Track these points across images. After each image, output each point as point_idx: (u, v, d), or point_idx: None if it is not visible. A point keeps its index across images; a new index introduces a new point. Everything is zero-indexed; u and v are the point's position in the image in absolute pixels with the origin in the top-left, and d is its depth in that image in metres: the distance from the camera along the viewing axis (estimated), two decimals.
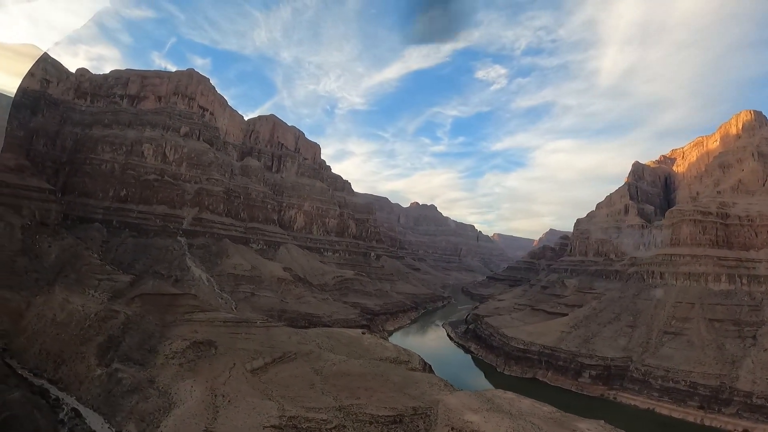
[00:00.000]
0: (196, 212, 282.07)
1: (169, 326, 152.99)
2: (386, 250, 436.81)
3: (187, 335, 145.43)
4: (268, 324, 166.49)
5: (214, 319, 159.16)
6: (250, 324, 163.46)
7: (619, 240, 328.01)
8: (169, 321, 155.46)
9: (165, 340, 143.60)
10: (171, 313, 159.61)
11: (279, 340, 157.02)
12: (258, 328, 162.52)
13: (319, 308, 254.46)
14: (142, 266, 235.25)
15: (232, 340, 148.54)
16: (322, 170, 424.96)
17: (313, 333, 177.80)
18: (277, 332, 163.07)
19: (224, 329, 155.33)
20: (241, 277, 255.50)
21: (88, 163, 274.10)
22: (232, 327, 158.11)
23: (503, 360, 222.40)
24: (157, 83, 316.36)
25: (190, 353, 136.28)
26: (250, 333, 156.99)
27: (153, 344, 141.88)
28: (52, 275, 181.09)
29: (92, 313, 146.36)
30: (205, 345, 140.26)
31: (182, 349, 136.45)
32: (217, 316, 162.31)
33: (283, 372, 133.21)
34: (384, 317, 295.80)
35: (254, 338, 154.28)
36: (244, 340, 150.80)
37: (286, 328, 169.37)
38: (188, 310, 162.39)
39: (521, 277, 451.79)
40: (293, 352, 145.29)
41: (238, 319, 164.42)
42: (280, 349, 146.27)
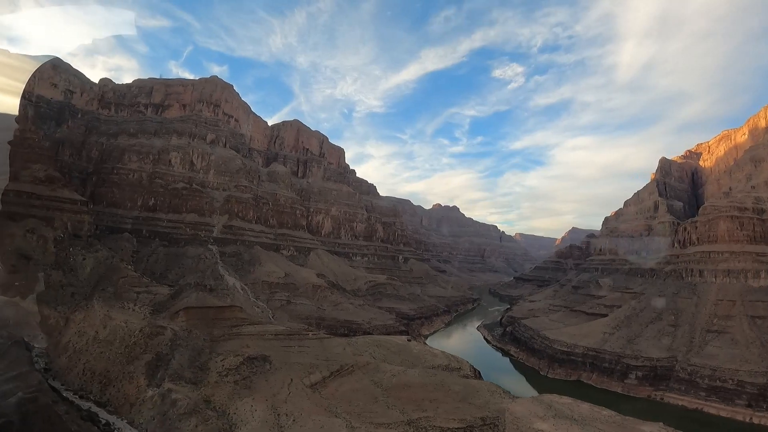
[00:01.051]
0: (226, 220, 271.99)
1: (217, 341, 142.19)
2: (413, 253, 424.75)
3: (239, 350, 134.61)
4: (320, 336, 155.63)
5: (265, 332, 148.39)
6: (302, 336, 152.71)
7: (650, 237, 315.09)
8: (217, 335, 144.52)
9: (216, 356, 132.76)
10: (218, 327, 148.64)
11: (334, 352, 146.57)
12: (311, 340, 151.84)
13: (357, 315, 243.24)
14: (174, 276, 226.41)
15: (286, 354, 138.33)
16: (348, 174, 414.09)
17: (362, 342, 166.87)
18: (331, 344, 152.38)
19: (276, 342, 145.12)
20: (276, 284, 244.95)
21: (115, 172, 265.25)
22: (284, 340, 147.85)
23: (546, 363, 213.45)
24: (181, 91, 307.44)
25: (245, 369, 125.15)
26: (303, 346, 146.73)
27: (203, 361, 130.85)
28: (88, 289, 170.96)
29: (137, 330, 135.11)
30: (259, 360, 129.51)
31: (236, 366, 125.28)
32: (267, 329, 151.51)
33: (343, 386, 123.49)
34: (419, 322, 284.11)
35: (308, 351, 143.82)
36: (298, 354, 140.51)
37: (338, 338, 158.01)
38: (236, 323, 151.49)
39: (549, 277, 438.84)
40: (350, 365, 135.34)
41: (290, 331, 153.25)
42: (336, 362, 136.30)
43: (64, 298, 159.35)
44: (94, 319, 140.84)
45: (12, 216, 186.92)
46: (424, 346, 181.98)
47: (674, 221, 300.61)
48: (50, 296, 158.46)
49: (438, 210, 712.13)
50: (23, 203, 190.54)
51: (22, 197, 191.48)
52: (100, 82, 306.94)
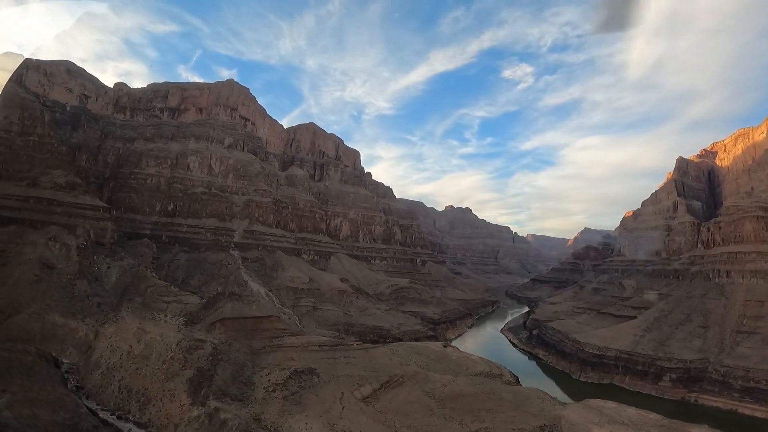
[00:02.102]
0: (247, 224, 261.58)
1: (259, 354, 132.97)
2: (431, 256, 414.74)
3: (284, 363, 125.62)
4: (365, 346, 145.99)
5: (309, 344, 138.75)
6: (347, 347, 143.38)
7: (670, 238, 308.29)
8: (258, 348, 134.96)
9: (260, 370, 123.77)
10: (257, 339, 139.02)
11: (381, 362, 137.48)
12: (356, 350, 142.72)
13: (385, 320, 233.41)
14: (197, 282, 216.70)
15: (333, 366, 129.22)
16: (364, 177, 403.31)
17: (403, 350, 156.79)
18: (377, 353, 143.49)
19: (321, 354, 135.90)
20: (301, 290, 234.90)
21: (133, 177, 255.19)
22: (329, 351, 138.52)
23: (578, 366, 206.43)
24: (197, 95, 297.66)
25: (293, 384, 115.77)
26: (349, 357, 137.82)
27: (247, 376, 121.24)
28: (115, 299, 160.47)
29: (173, 344, 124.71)
30: (307, 373, 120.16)
31: (283, 380, 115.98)
32: (310, 340, 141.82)
33: (396, 398, 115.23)
34: (444, 326, 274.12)
35: (355, 362, 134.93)
36: (344, 365, 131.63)
37: (383, 348, 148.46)
38: (276, 335, 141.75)
39: (566, 278, 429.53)
40: (399, 375, 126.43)
41: (334, 342, 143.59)
42: (385, 373, 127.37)
43: (91, 309, 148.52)
44: (126, 332, 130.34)
45: (33, 223, 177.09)
46: (461, 352, 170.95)
47: (694, 221, 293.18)
48: (76, 307, 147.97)
49: (451, 212, 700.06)
50: (44, 210, 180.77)
51: (42, 204, 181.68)
52: (115, 86, 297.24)
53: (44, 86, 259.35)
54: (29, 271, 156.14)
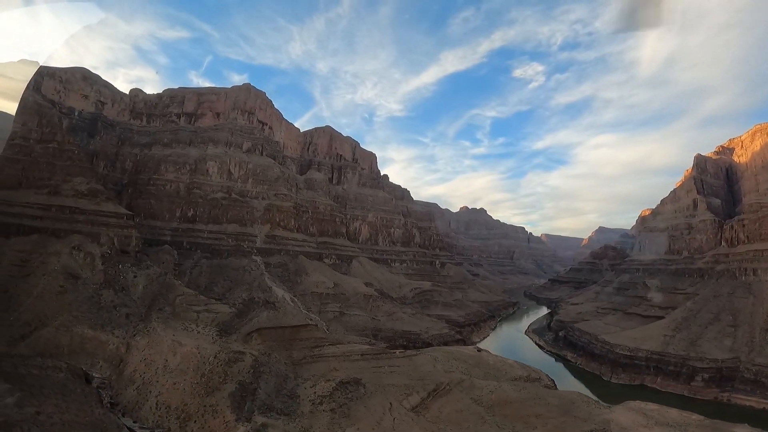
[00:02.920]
0: (268, 229, 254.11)
1: (300, 365, 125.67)
2: (449, 258, 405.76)
3: (328, 374, 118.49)
4: (407, 353, 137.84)
5: (351, 353, 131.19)
6: (390, 355, 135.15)
7: (691, 236, 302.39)
8: (298, 358, 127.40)
9: (303, 382, 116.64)
10: (296, 349, 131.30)
11: (425, 370, 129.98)
12: (399, 358, 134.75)
13: (413, 324, 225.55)
14: (220, 289, 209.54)
15: (377, 376, 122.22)
16: (381, 179, 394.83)
17: (442, 356, 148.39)
18: (420, 361, 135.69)
19: (364, 363, 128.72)
20: (326, 295, 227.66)
21: (151, 183, 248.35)
22: (372, 360, 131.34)
23: (609, 368, 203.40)
24: (213, 100, 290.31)
25: (339, 396, 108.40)
26: (393, 365, 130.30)
27: (291, 388, 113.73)
28: (143, 309, 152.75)
29: (211, 356, 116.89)
30: (353, 384, 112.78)
31: (329, 392, 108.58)
32: (352, 349, 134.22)
33: (445, 407, 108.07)
34: (469, 328, 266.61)
35: (399, 371, 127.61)
36: (389, 374, 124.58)
37: (425, 355, 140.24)
38: (315, 344, 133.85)
39: (585, 278, 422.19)
40: (445, 383, 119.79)
41: (377, 350, 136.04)
42: (431, 381, 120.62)
43: (119, 321, 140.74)
44: (160, 345, 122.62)
45: (55, 232, 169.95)
46: (496, 356, 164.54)
47: (715, 219, 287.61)
48: (104, 318, 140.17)
49: (465, 213, 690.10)
50: (66, 218, 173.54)
51: (65, 212, 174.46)
52: (131, 92, 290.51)
53: (60, 93, 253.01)
54: (54, 281, 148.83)
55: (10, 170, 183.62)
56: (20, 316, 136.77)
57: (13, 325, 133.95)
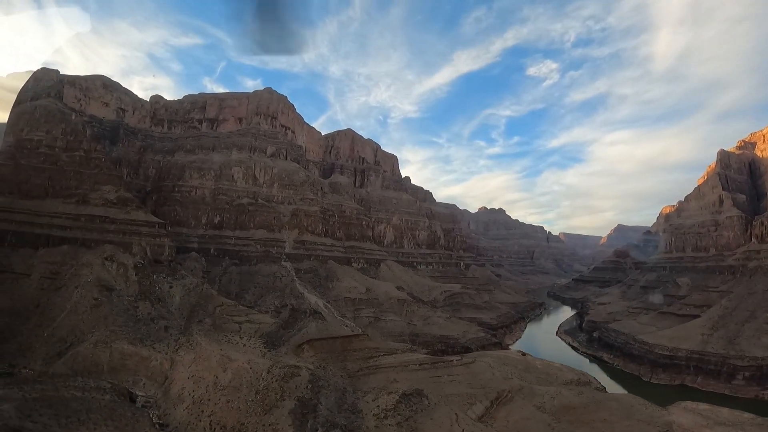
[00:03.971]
0: (296, 234, 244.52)
1: (356, 377, 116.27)
2: (473, 259, 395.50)
3: (388, 386, 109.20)
4: (464, 361, 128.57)
5: (408, 362, 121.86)
6: (447, 363, 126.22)
7: (718, 233, 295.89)
8: (354, 370, 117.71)
9: (363, 396, 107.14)
10: (350, 360, 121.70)
11: (484, 377, 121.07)
12: (456, 366, 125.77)
13: (450, 329, 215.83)
14: (252, 296, 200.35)
15: (438, 385, 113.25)
16: (404, 181, 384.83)
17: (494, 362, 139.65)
18: (477, 368, 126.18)
19: (423, 373, 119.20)
20: (359, 300, 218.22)
21: (176, 190, 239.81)
22: (431, 369, 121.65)
23: (649, 368, 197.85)
24: (235, 105, 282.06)
25: (404, 409, 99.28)
26: (452, 374, 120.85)
27: (351, 402, 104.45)
28: (182, 321, 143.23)
29: (263, 371, 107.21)
30: (416, 396, 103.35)
31: (393, 405, 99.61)
32: (409, 359, 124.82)
33: (511, 415, 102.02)
34: (502, 331, 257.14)
35: (458, 379, 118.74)
36: (449, 384, 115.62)
37: (481, 362, 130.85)
38: (369, 354, 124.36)
39: (609, 277, 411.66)
40: (506, 390, 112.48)
41: (434, 359, 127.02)
42: (492, 389, 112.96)
43: (158, 334, 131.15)
44: (209, 360, 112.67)
45: (85, 243, 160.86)
46: (542, 360, 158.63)
47: (742, 215, 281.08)
48: (142, 332, 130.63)
49: (484, 213, 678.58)
50: (97, 228, 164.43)
51: (95, 222, 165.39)
52: (151, 99, 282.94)
53: (81, 101, 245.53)
54: (88, 294, 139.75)
55: (36, 179, 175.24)
56: (55, 332, 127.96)
57: (48, 341, 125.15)
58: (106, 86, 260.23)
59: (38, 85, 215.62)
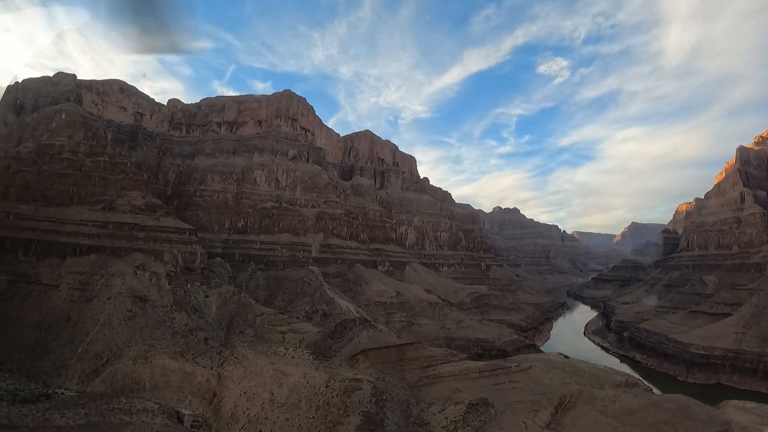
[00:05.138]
0: (322, 238, 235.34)
1: (417, 388, 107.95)
2: (493, 260, 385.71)
3: (452, 396, 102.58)
4: (522, 366, 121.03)
5: (467, 370, 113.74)
6: (507, 369, 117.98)
7: (741, 230, 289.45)
8: (413, 381, 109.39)
9: (428, 407, 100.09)
10: (407, 370, 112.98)
11: (544, 383, 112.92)
12: (515, 372, 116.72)
13: (484, 332, 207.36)
14: (281, 302, 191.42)
15: (500, 393, 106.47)
16: (422, 182, 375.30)
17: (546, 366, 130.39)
18: (535, 374, 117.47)
19: (484, 381, 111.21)
20: (390, 304, 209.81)
21: (198, 195, 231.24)
22: (491, 376, 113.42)
23: (684, 368, 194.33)
24: (255, 107, 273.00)
25: (472, 419, 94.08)
26: (512, 380, 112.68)
27: (417, 415, 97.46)
28: (221, 332, 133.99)
29: (321, 385, 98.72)
30: (482, 405, 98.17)
31: (461, 416, 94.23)
32: (468, 366, 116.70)
33: (577, 421, 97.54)
34: (531, 332, 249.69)
35: (519, 386, 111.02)
36: (511, 391, 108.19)
37: (537, 368, 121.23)
38: (426, 363, 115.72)
39: (629, 276, 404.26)
40: (567, 395, 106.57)
41: (493, 366, 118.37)
42: (553, 394, 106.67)
43: (198, 347, 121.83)
44: (261, 375, 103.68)
45: (114, 251, 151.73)
46: (587, 362, 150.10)
47: (764, 212, 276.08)
48: (181, 345, 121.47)
49: (498, 213, 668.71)
50: (126, 236, 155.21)
51: (123, 229, 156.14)
52: (169, 102, 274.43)
53: (98, 105, 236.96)
54: (121, 306, 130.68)
55: (61, 186, 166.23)
56: (89, 347, 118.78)
57: (83, 358, 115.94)
58: (123, 90, 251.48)
59: (56, 89, 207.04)
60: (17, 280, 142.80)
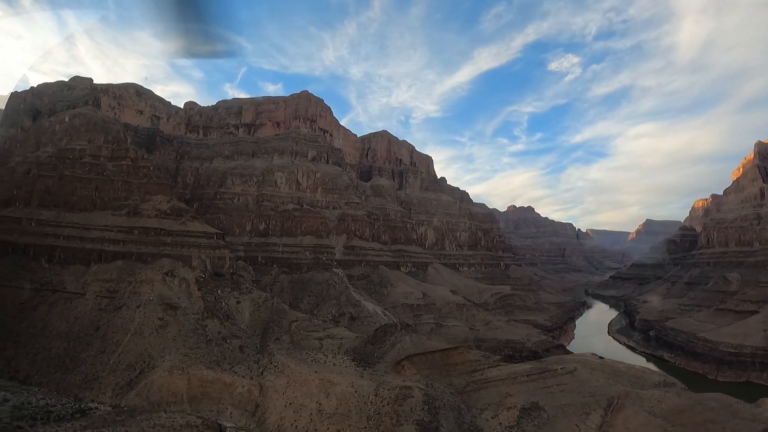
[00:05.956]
0: (345, 240, 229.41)
1: (466, 393, 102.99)
2: (512, 259, 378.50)
3: (504, 401, 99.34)
4: (567, 368, 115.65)
5: (515, 374, 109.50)
6: (553, 372, 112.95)
7: (762, 227, 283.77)
8: (461, 386, 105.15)
9: (480, 413, 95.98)
10: (454, 375, 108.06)
11: (591, 385, 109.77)
12: (562, 375, 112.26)
13: (513, 333, 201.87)
14: (307, 305, 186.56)
15: (549, 396, 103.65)
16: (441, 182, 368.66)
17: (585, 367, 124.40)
18: (581, 376, 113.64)
19: (533, 384, 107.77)
20: (417, 306, 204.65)
21: (218, 197, 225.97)
22: (538, 379, 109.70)
23: (714, 366, 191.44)
24: (272, 109, 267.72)
25: (527, 424, 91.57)
26: (560, 383, 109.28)
27: (470, 421, 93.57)
28: (256, 340, 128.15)
29: (370, 394, 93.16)
30: (534, 410, 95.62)
31: (515, 421, 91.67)
32: (515, 370, 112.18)
33: (627, 422, 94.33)
34: (557, 332, 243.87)
35: (567, 388, 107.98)
36: (560, 393, 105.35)
37: (582, 370, 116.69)
38: (473, 367, 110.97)
39: (648, 274, 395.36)
40: (614, 397, 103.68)
41: (539, 368, 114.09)
42: (601, 396, 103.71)
43: (234, 355, 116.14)
44: (307, 384, 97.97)
45: (141, 257, 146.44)
46: (623, 362, 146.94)
47: None
48: (216, 354, 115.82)
49: (514, 212, 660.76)
50: (152, 241, 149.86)
51: (149, 234, 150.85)
52: (185, 105, 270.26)
53: (114, 109, 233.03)
54: (151, 314, 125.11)
55: (83, 191, 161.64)
56: (121, 358, 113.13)
57: (115, 369, 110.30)
58: (139, 94, 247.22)
59: (72, 93, 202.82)
60: (42, 289, 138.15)
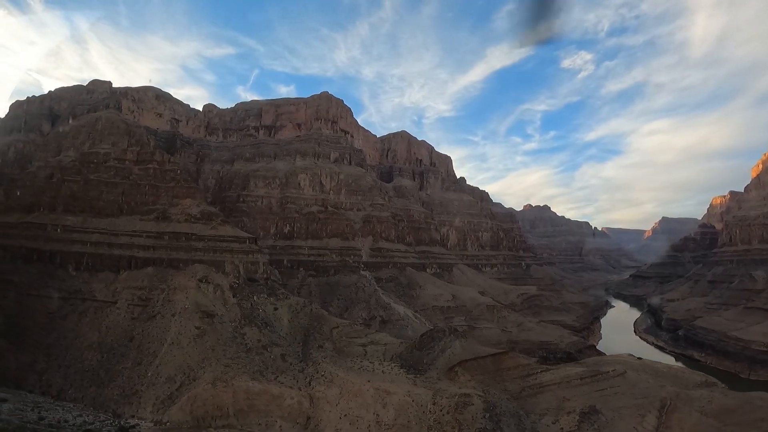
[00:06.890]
0: (371, 242, 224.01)
1: (522, 398, 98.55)
2: (534, 259, 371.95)
3: (563, 405, 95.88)
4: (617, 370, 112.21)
5: (569, 377, 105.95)
6: (606, 375, 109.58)
7: None
8: (516, 391, 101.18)
9: (539, 419, 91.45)
10: (508, 380, 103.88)
11: (642, 386, 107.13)
12: (614, 377, 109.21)
13: (546, 334, 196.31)
14: (336, 309, 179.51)
15: (604, 399, 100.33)
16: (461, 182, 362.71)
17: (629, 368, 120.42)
18: (633, 378, 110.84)
19: (587, 387, 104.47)
20: (447, 308, 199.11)
21: (241, 200, 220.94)
22: (592, 382, 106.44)
23: (746, 365, 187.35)
24: (293, 110, 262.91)
25: (588, 428, 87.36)
26: (613, 385, 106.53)
27: (531, 428, 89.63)
28: (298, 347, 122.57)
29: (428, 403, 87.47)
30: (592, 414, 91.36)
31: (576, 426, 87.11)
32: (568, 373, 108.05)
33: (682, 423, 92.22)
34: (585, 332, 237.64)
35: (620, 390, 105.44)
36: (614, 396, 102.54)
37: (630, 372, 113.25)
38: (525, 372, 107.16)
39: (669, 272, 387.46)
40: (666, 398, 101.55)
41: (592, 371, 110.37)
42: (654, 398, 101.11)
43: (276, 364, 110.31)
44: (361, 395, 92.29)
45: (172, 263, 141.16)
46: (661, 363, 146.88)
47: None
48: (258, 363, 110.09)
49: (530, 211, 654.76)
50: (183, 247, 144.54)
51: (180, 239, 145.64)
52: (204, 108, 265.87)
53: (134, 113, 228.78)
54: (188, 322, 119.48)
55: (109, 195, 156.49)
56: (159, 370, 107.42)
57: (154, 383, 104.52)
58: (158, 97, 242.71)
59: (92, 97, 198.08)
60: (70, 297, 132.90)
